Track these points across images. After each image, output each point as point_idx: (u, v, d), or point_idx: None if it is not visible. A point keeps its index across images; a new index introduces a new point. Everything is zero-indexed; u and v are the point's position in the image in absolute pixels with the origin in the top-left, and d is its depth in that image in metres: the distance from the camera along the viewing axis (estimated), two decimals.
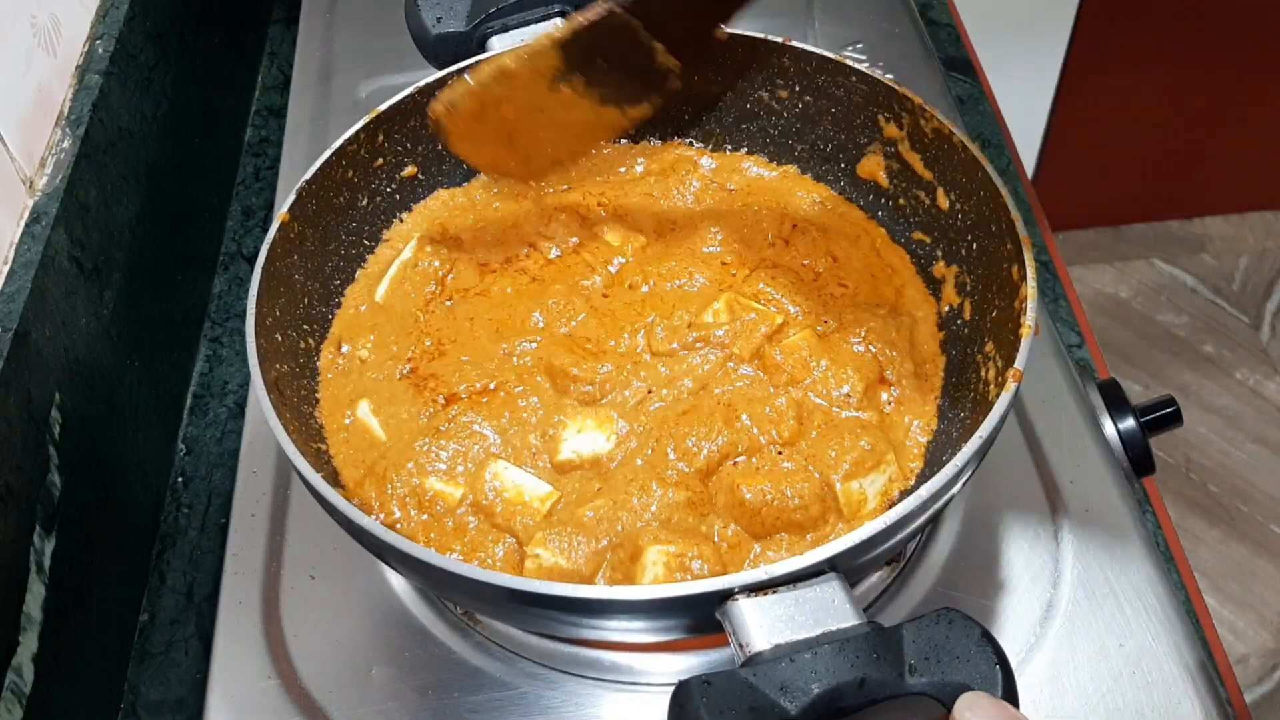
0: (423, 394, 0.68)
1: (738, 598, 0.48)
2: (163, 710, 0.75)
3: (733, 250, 0.75)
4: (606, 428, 0.65)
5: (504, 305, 0.72)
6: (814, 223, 0.76)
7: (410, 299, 0.73)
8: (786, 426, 0.64)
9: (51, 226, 0.73)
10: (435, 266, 0.74)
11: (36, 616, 0.67)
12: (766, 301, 0.71)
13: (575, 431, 0.65)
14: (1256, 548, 1.98)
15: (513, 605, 0.54)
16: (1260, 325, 2.31)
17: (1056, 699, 0.64)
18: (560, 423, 0.66)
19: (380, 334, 0.71)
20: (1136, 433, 0.77)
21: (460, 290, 0.74)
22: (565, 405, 0.67)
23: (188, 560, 0.82)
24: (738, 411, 0.65)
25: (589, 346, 0.69)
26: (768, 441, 0.64)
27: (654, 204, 0.78)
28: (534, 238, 0.76)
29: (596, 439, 0.65)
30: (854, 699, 0.45)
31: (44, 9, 0.80)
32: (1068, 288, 0.94)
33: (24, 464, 0.67)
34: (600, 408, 0.66)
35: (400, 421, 0.67)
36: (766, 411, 0.65)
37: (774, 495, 0.61)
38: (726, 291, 0.71)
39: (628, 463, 0.64)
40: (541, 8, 0.78)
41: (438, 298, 0.73)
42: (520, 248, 0.76)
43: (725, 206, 0.78)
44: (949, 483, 0.52)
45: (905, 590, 0.69)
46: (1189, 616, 0.69)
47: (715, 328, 0.69)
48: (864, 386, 0.67)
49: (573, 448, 0.65)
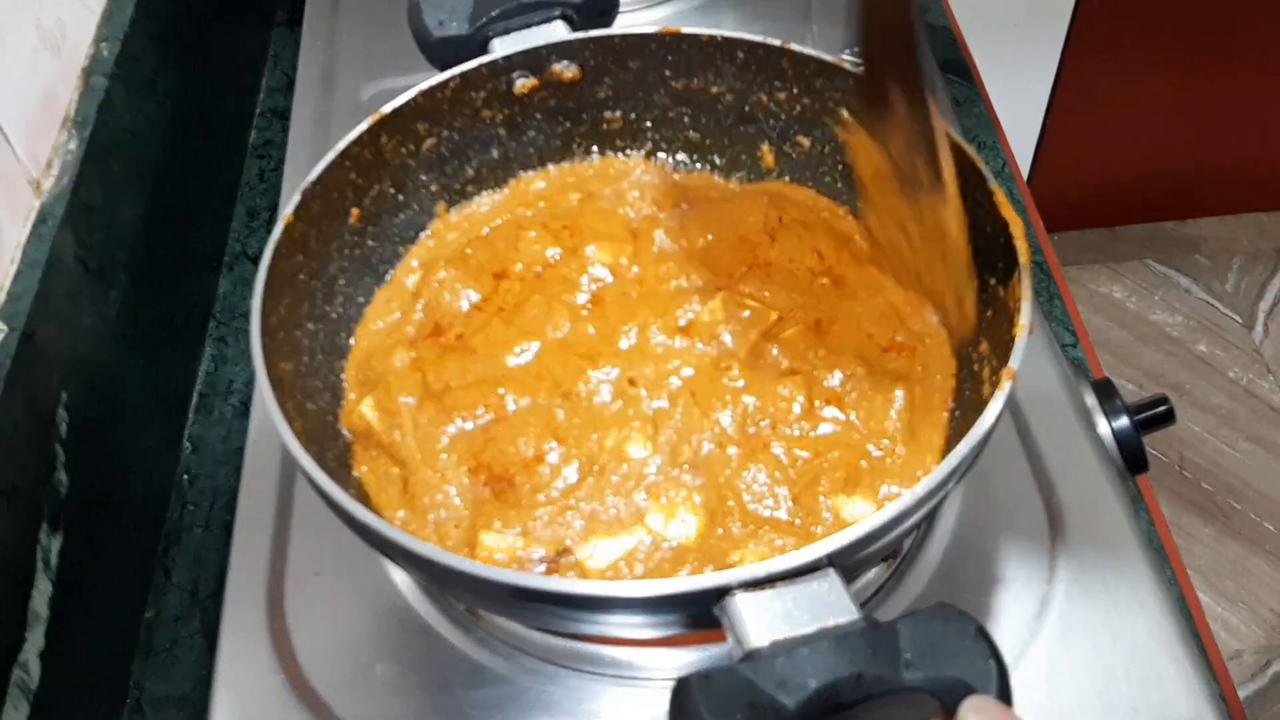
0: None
1: (735, 594, 0.49)
2: (168, 706, 0.76)
3: (722, 248, 0.75)
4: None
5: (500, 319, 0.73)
6: (800, 221, 0.77)
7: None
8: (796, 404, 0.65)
9: (58, 227, 0.74)
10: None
11: (43, 613, 0.68)
12: (760, 300, 0.71)
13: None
14: (1250, 545, 1.99)
15: (514, 601, 0.54)
16: (1253, 325, 2.32)
17: (1050, 695, 0.65)
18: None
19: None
20: (1130, 431, 0.78)
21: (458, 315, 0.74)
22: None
23: (193, 557, 0.83)
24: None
25: (584, 350, 0.70)
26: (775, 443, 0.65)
27: (617, 215, 0.79)
28: (511, 255, 0.76)
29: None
30: (851, 694, 0.46)
31: (49, 12, 0.81)
32: (1062, 288, 0.95)
33: (30, 462, 0.68)
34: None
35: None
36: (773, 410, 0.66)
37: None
38: (721, 291, 0.72)
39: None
40: (543, 10, 0.78)
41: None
42: (503, 263, 0.76)
43: (709, 208, 0.79)
44: (944, 480, 0.52)
45: (902, 586, 0.69)
46: (1183, 613, 0.69)
47: (711, 326, 0.70)
48: (864, 383, 0.67)
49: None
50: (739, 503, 0.63)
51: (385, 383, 0.69)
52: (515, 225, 0.78)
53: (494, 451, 0.65)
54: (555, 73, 0.77)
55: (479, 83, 0.76)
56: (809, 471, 0.64)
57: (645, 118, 0.81)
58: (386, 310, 0.75)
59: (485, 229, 0.79)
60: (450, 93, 0.75)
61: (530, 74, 0.77)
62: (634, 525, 0.62)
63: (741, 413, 0.66)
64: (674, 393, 0.67)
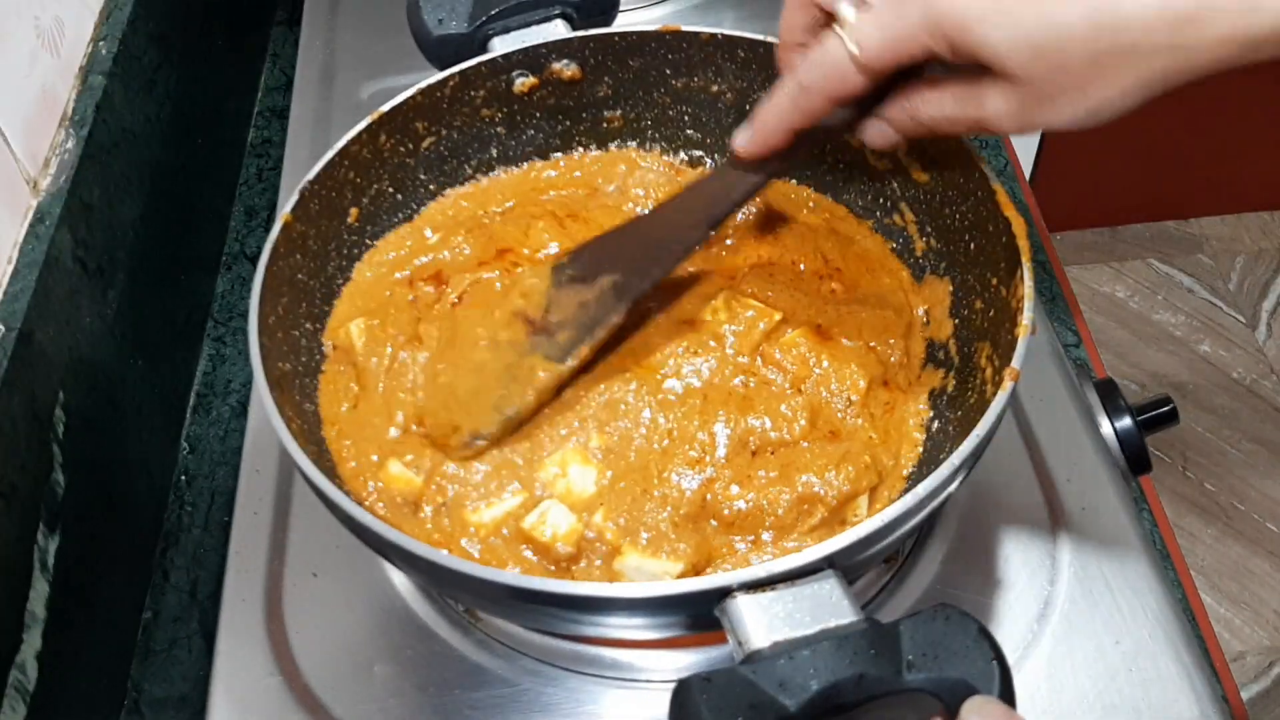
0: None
1: (736, 595, 0.49)
2: (166, 707, 0.76)
3: (723, 239, 0.75)
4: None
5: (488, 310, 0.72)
6: (801, 222, 0.77)
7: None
8: (797, 425, 0.65)
9: (55, 227, 0.74)
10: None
11: (40, 614, 0.67)
12: (763, 299, 0.71)
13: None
14: (1253, 546, 1.99)
15: (513, 602, 0.54)
16: (1256, 325, 2.31)
17: (1053, 696, 0.64)
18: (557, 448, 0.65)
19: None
20: (1133, 431, 0.78)
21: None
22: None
23: (191, 558, 0.82)
24: (754, 404, 0.65)
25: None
26: (778, 439, 0.65)
27: (619, 211, 0.78)
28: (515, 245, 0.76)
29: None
30: (852, 695, 0.46)
31: (47, 10, 0.80)
32: (1065, 287, 0.95)
33: (28, 463, 0.68)
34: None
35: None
36: (782, 409, 0.65)
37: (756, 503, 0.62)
38: (724, 290, 0.72)
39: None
40: (543, 9, 0.78)
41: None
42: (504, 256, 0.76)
43: None
44: (945, 481, 0.52)
45: (903, 588, 0.69)
46: (1185, 614, 0.69)
47: (715, 325, 0.69)
48: (865, 382, 0.67)
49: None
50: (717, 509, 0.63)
51: (383, 311, 0.70)
52: (526, 213, 0.78)
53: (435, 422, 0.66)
54: (555, 71, 0.77)
55: (478, 81, 0.76)
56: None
57: (645, 116, 0.81)
58: (398, 244, 0.76)
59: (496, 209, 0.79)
60: (449, 91, 0.75)
61: (530, 73, 0.77)
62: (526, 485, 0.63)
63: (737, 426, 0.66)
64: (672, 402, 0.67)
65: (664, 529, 0.61)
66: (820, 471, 0.62)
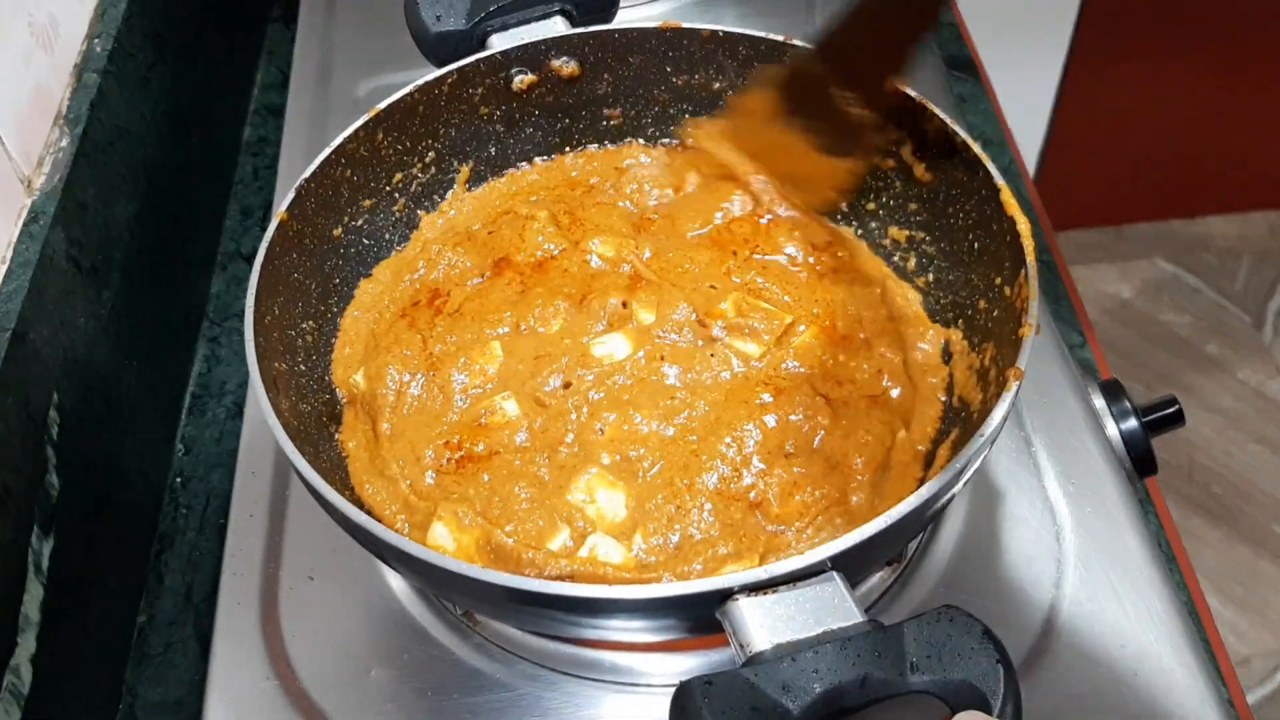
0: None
1: (738, 597, 0.48)
2: (161, 711, 0.75)
3: (722, 230, 0.74)
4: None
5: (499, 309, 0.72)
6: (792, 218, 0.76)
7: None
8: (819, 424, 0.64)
9: (49, 226, 0.73)
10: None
11: (34, 617, 0.67)
12: (770, 299, 0.70)
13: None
14: (1259, 549, 1.98)
15: (512, 605, 0.54)
16: (1263, 325, 2.30)
17: (1058, 699, 0.64)
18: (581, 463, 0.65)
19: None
20: (1138, 433, 0.77)
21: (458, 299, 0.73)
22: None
23: (186, 561, 0.82)
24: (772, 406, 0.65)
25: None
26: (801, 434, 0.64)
27: (618, 207, 0.78)
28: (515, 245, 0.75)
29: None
30: (856, 698, 0.45)
31: (42, 8, 0.80)
32: (1069, 287, 0.94)
33: (22, 465, 0.67)
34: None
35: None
36: (795, 415, 0.65)
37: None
38: (734, 292, 0.71)
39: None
40: (541, 6, 0.77)
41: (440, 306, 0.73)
42: (502, 254, 0.75)
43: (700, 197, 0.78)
44: (949, 482, 0.52)
45: (907, 591, 0.68)
46: (1191, 618, 0.69)
47: (727, 327, 0.69)
48: (868, 382, 0.66)
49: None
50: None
51: (383, 345, 0.70)
52: (520, 213, 0.77)
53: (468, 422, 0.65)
54: (554, 69, 0.76)
55: (477, 79, 0.75)
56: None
57: (645, 114, 0.80)
58: (395, 275, 0.75)
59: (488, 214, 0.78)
60: (448, 89, 0.75)
61: (529, 70, 0.76)
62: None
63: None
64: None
65: (713, 535, 0.60)
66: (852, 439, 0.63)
